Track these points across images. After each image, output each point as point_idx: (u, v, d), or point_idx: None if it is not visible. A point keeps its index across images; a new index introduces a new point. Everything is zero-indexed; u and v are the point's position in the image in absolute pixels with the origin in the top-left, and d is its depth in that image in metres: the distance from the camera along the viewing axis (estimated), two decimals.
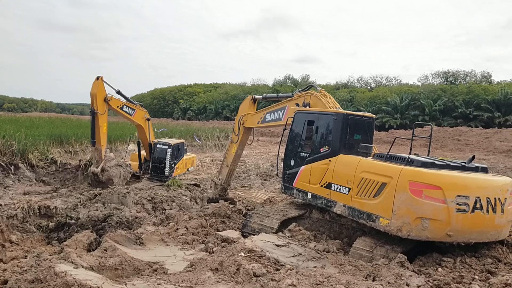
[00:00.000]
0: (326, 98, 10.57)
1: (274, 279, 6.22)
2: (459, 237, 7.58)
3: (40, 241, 9.66)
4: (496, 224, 7.69)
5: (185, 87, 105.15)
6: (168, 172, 15.88)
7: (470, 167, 8.12)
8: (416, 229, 7.39)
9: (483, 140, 47.05)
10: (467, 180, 7.59)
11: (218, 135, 39.42)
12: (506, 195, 7.81)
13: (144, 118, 15.85)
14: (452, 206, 7.28)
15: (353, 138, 9.32)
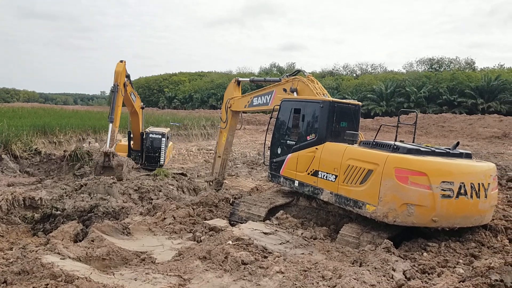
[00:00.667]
0: (314, 83, 10.55)
1: (262, 266, 6.27)
2: (443, 222, 7.71)
3: (26, 233, 9.56)
4: (480, 209, 7.85)
5: (170, 75, 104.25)
6: (164, 161, 15.91)
7: (454, 153, 8.24)
8: (402, 215, 7.50)
9: (467, 126, 47.69)
10: (451, 166, 7.71)
11: (204, 124, 39.29)
12: (489, 181, 7.98)
13: (140, 106, 15.78)
14: (437, 192, 7.39)
15: (339, 125, 9.35)
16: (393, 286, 5.70)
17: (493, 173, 8.19)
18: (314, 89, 10.28)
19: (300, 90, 10.62)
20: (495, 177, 8.27)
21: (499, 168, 17.86)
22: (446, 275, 6.27)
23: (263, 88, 12.09)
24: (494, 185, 8.18)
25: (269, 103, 11.64)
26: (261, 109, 12.39)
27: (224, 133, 13.48)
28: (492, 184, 8.09)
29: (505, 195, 11.81)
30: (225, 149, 13.54)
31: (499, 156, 27.73)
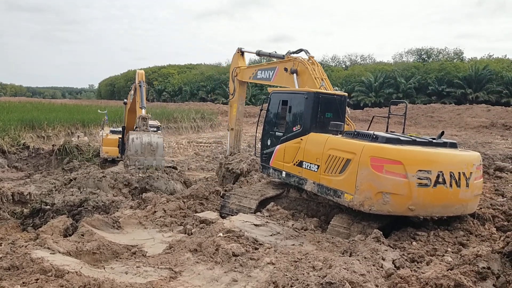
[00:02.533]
0: (314, 66, 10.46)
1: (253, 258, 6.29)
2: (421, 211, 7.77)
3: (15, 228, 9.50)
4: (461, 198, 7.87)
5: (159, 68, 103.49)
6: None
7: (438, 142, 8.26)
8: (377, 204, 7.54)
9: (455, 116, 48.12)
10: (429, 155, 7.73)
11: (194, 116, 39.17)
12: (471, 170, 7.95)
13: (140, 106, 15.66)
14: (413, 180, 7.41)
15: (324, 116, 9.36)
16: (382, 275, 5.76)
17: (477, 163, 8.13)
18: (313, 72, 10.19)
19: (300, 72, 10.55)
20: (479, 166, 8.20)
21: (486, 158, 18.06)
22: (435, 264, 6.35)
23: (268, 62, 12.01)
24: (477, 175, 8.14)
25: (271, 79, 11.61)
26: (264, 83, 12.35)
27: (234, 104, 13.46)
28: (475, 173, 8.05)
29: (493, 184, 11.96)
30: (237, 119, 13.58)
31: (487, 146, 28.04)
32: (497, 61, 68.97)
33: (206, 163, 19.90)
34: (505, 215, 9.06)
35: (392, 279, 5.60)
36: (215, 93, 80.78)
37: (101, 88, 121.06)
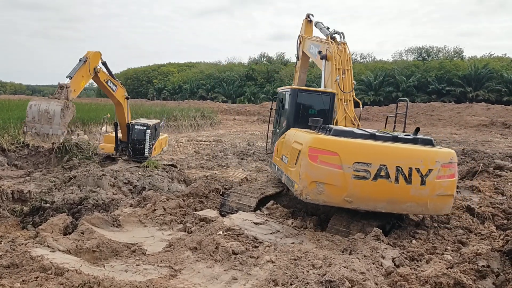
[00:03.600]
0: (342, 54, 10.20)
1: (252, 256, 6.30)
2: (361, 204, 7.70)
3: (15, 226, 9.50)
4: (413, 195, 7.62)
5: (159, 66, 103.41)
6: (148, 153, 15.74)
7: (403, 138, 8.09)
8: (312, 193, 7.65)
9: (455, 115, 48.13)
10: (370, 148, 7.65)
11: (194, 115, 39.12)
12: (432, 167, 7.61)
13: (124, 96, 15.51)
14: (349, 172, 7.44)
15: (307, 113, 9.50)
16: (382, 274, 5.76)
17: (443, 160, 7.72)
18: (335, 62, 10.02)
19: (328, 58, 10.38)
20: (447, 164, 7.75)
21: (486, 156, 18.09)
22: (435, 262, 6.36)
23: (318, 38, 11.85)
24: (443, 173, 7.71)
25: (315, 57, 11.46)
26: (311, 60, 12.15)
27: (297, 70, 13.51)
28: (440, 171, 7.65)
29: (492, 183, 11.96)
30: None
31: (487, 144, 28.06)
32: (497, 60, 68.94)
33: (206, 161, 19.91)
34: (505, 213, 9.08)
35: (391, 277, 5.60)
36: (215, 91, 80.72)
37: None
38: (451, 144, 27.96)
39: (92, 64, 13.38)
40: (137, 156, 15.73)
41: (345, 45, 10.39)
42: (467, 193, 11.23)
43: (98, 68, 13.71)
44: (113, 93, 14.74)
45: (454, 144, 27.90)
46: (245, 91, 76.60)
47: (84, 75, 13.26)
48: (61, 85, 12.70)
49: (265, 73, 78.55)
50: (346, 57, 10.22)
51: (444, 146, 26.73)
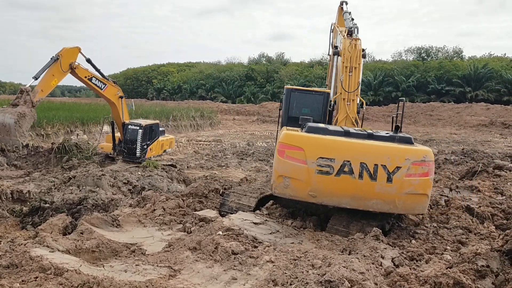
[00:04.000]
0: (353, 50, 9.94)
1: (252, 256, 6.30)
2: (326, 199, 7.78)
3: (14, 226, 9.50)
4: (378, 192, 7.54)
5: (159, 66, 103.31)
6: (140, 153, 15.57)
7: (379, 136, 8.03)
8: (279, 187, 7.85)
9: (454, 115, 48.15)
10: (335, 143, 7.70)
11: (193, 115, 39.12)
12: (400, 164, 7.48)
13: (117, 95, 15.41)
14: (313, 167, 7.53)
15: (300, 112, 9.57)
16: (382, 274, 5.76)
17: (414, 158, 7.50)
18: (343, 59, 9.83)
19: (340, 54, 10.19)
20: (419, 162, 7.52)
21: (485, 156, 18.10)
22: (434, 262, 6.36)
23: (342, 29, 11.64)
24: (414, 171, 7.49)
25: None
26: None
27: (331, 59, 13.34)
28: (410, 169, 7.46)
29: (492, 182, 11.96)
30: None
31: (486, 144, 28.07)
32: (496, 60, 68.94)
33: (205, 161, 19.92)
34: (504, 213, 9.08)
35: (391, 277, 5.61)
36: (214, 91, 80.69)
37: None
38: (450, 144, 27.98)
39: (66, 61, 13.26)
40: (129, 156, 15.66)
41: (357, 41, 10.10)
42: (467, 193, 11.23)
43: (75, 64, 13.58)
44: (101, 91, 14.69)
45: (454, 144, 27.91)
46: (244, 91, 76.58)
47: (55, 73, 13.21)
48: (21, 90, 12.68)
49: (264, 73, 78.53)
50: (356, 53, 9.95)
51: (444, 145, 26.77)
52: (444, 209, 9.63)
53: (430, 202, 10.14)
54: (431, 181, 7.67)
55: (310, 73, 74.80)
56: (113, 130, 16.36)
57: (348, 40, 10.05)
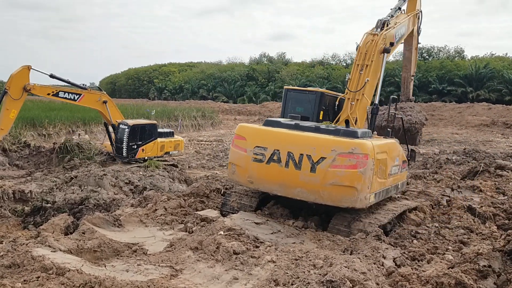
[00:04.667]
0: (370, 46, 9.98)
1: (253, 256, 6.30)
2: (260, 186, 8.42)
3: (16, 226, 9.52)
4: (302, 181, 7.71)
5: (160, 66, 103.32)
6: (126, 153, 15.21)
7: (323, 128, 8.15)
8: (230, 172, 8.79)
9: (456, 114, 48.06)
10: (270, 133, 8.26)
11: (195, 115, 39.12)
12: (325, 155, 7.54)
13: (98, 101, 15.21)
14: (250, 155, 8.20)
15: (295, 110, 9.94)
16: (383, 274, 5.76)
17: (341, 149, 7.50)
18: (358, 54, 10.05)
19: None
20: (346, 154, 7.48)
21: (487, 156, 18.07)
22: (436, 262, 6.36)
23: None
24: (340, 163, 7.48)
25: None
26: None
27: None
28: (335, 160, 7.48)
29: (494, 182, 11.95)
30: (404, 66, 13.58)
31: (488, 144, 28.02)
32: (498, 59, 68.77)
33: (206, 161, 19.92)
34: (506, 213, 9.08)
35: (393, 277, 5.60)
36: (216, 91, 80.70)
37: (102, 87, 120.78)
38: (452, 144, 27.94)
39: (17, 87, 13.16)
40: (118, 156, 15.55)
41: (375, 36, 10.01)
42: (468, 193, 11.23)
43: (30, 85, 13.42)
44: (75, 102, 14.68)
45: (455, 144, 27.88)
46: (246, 91, 76.56)
47: (9, 106, 13.13)
48: None
49: (266, 73, 78.50)
50: (372, 50, 9.87)
51: (445, 145, 26.74)
52: (445, 209, 9.63)
53: (432, 202, 10.15)
54: (361, 174, 7.43)
55: (312, 73, 74.68)
56: (107, 130, 16.33)
57: (371, 35, 10.05)
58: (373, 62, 9.82)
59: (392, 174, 8.58)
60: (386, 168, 8.16)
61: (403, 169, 9.36)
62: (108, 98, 15.54)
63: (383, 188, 8.21)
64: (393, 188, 8.89)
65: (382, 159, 7.92)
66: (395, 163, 8.69)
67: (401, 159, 9.12)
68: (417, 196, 11.00)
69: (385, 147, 8.26)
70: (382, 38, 10.04)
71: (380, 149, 7.84)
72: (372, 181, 7.58)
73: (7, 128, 13.41)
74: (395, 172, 8.79)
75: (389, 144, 8.66)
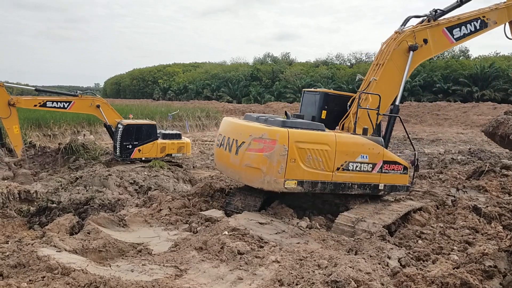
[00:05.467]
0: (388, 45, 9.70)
1: (258, 256, 6.30)
2: (219, 167, 10.00)
3: (22, 226, 9.56)
4: (231, 162, 8.99)
5: (164, 67, 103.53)
6: (120, 152, 15.36)
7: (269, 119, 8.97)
8: (214, 159, 10.32)
9: (461, 114, 47.85)
10: (230, 124, 9.73)
11: (199, 115, 39.16)
12: (245, 140, 8.54)
13: (91, 106, 15.35)
14: (216, 141, 9.84)
15: (306, 110, 10.41)
16: (388, 274, 5.74)
17: (255, 135, 8.37)
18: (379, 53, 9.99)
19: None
20: (258, 139, 8.28)
21: (492, 155, 17.99)
22: (441, 262, 6.33)
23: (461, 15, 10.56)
24: (253, 146, 8.36)
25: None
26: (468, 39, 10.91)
27: None
28: (250, 144, 8.41)
29: (499, 182, 11.89)
30: None
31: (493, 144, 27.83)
32: (503, 59, 68.40)
33: (211, 162, 19.94)
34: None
35: (397, 277, 5.59)
36: (220, 91, 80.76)
37: (106, 87, 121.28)
38: (457, 144, 27.82)
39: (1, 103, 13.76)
40: (114, 155, 15.68)
41: (396, 34, 9.79)
42: (474, 193, 11.18)
43: (14, 99, 13.94)
44: (67, 110, 15.10)
45: (461, 144, 27.76)
46: (250, 91, 76.56)
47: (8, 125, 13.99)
48: None
49: (270, 73, 78.46)
50: (388, 48, 9.73)
51: (450, 145, 26.63)
52: (451, 209, 9.59)
53: (437, 202, 10.14)
54: (266, 157, 8.12)
55: (316, 73, 74.57)
56: (108, 131, 16.43)
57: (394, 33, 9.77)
58: (388, 60, 9.60)
59: (353, 170, 8.66)
60: (326, 160, 8.41)
61: (391, 171, 9.09)
62: (101, 102, 15.67)
63: (323, 180, 8.45)
64: (362, 186, 8.85)
65: (312, 149, 8.29)
66: (358, 160, 8.70)
67: (376, 158, 8.89)
68: (422, 196, 10.96)
69: (314, 138, 8.44)
70: (407, 35, 9.63)
71: (302, 139, 8.26)
72: (287, 167, 8.10)
73: (19, 143, 14.42)
74: (362, 170, 8.76)
75: (326, 137, 8.59)
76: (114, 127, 15.89)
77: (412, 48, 9.58)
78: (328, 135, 8.60)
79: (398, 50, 9.58)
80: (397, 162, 9.21)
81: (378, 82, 9.60)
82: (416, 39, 9.67)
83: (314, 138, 8.45)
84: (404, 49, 9.60)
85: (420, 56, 9.95)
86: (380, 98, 9.27)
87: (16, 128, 14.23)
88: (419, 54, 9.83)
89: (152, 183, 13.15)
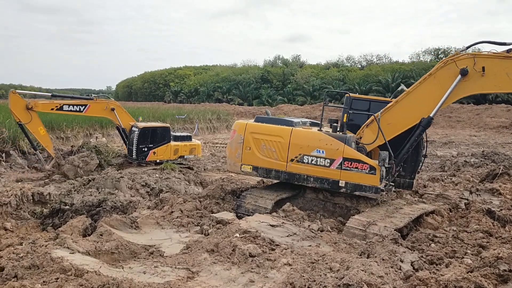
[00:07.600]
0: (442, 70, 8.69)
1: (269, 258, 6.29)
2: None
3: (35, 228, 9.64)
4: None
5: (176, 69, 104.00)
6: (136, 155, 15.52)
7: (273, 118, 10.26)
8: None
9: (474, 116, 47.37)
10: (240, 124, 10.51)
11: (210, 117, 39.27)
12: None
13: (106, 109, 15.50)
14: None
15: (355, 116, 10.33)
16: (401, 277, 5.70)
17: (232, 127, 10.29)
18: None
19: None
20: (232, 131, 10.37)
21: (506, 158, 17.77)
22: (454, 266, 6.26)
23: None
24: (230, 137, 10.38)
25: None
26: None
27: None
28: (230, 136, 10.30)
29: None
30: None
31: (507, 146, 27.53)
32: None
33: (222, 164, 19.95)
34: None
35: (410, 281, 5.54)
36: (231, 94, 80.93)
37: (118, 90, 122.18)
38: (470, 146, 27.53)
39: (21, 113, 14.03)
40: (130, 158, 15.81)
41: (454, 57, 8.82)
42: (487, 196, 11.06)
43: (30, 104, 14.13)
44: (82, 113, 15.37)
45: (474, 146, 27.46)
46: (261, 93, 76.61)
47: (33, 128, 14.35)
48: None
49: (281, 76, 78.45)
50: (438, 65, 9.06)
51: (463, 148, 26.38)
52: (464, 213, 9.51)
53: (450, 205, 10.07)
54: (229, 144, 10.43)
55: (326, 75, 74.41)
56: (121, 134, 16.55)
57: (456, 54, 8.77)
58: (431, 76, 9.00)
59: (308, 163, 9.28)
60: (279, 151, 9.54)
61: (354, 169, 8.91)
62: (116, 105, 15.83)
63: (277, 169, 9.61)
64: (319, 180, 9.19)
65: (266, 140, 9.66)
66: (313, 154, 9.21)
67: (334, 154, 8.99)
68: (434, 199, 10.88)
69: (269, 130, 9.72)
70: (464, 57, 8.53)
71: (257, 130, 9.84)
72: (243, 154, 9.87)
73: (48, 142, 14.93)
74: (318, 164, 9.16)
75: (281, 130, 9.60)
76: (128, 130, 16.01)
77: (463, 72, 8.43)
78: (284, 129, 9.57)
79: (446, 68, 8.70)
80: (361, 160, 8.94)
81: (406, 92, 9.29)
82: (476, 65, 8.35)
83: (269, 130, 9.71)
84: (452, 70, 8.59)
85: (469, 86, 8.63)
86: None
87: (42, 130, 14.56)
88: (470, 82, 8.53)
89: (164, 186, 13.19)
